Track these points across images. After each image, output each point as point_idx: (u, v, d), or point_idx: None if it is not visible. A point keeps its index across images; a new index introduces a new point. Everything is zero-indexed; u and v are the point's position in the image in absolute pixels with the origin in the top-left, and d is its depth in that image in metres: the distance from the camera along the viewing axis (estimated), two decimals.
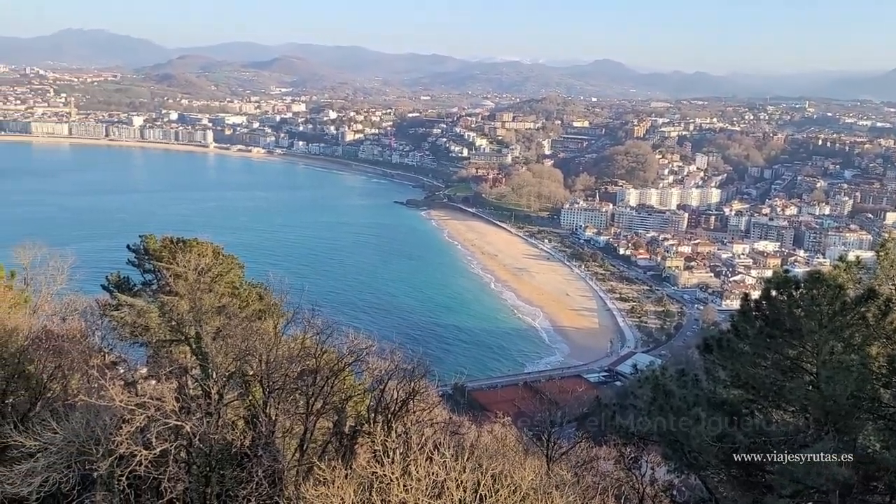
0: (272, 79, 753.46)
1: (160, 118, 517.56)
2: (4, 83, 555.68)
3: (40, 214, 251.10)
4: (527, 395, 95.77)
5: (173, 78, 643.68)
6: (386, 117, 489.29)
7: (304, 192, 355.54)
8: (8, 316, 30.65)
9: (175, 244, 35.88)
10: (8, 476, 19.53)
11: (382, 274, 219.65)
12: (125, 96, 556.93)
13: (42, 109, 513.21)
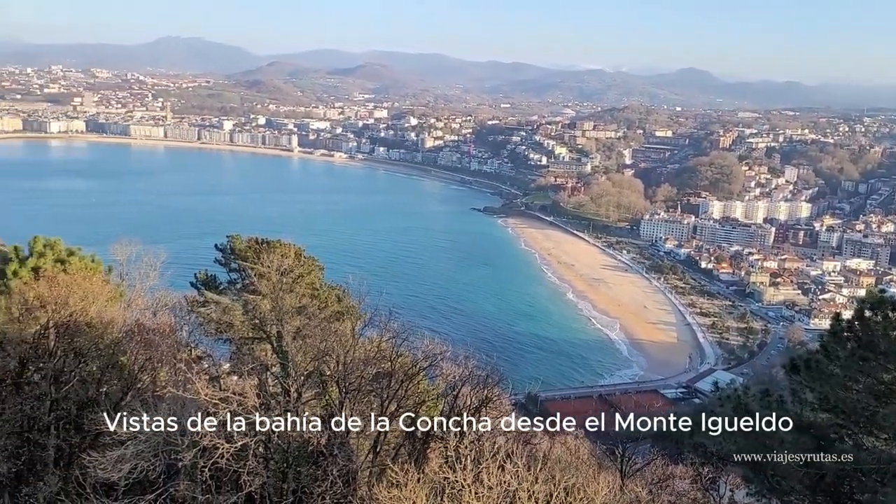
0: (356, 85, 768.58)
1: (249, 122, 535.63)
2: (108, 88, 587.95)
3: (137, 213, 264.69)
4: (601, 407, 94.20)
5: (262, 84, 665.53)
6: (465, 124, 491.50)
7: (384, 197, 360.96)
8: (105, 309, 32.28)
9: (259, 245, 37.12)
10: (100, 461, 20.57)
11: (458, 280, 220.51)
12: (217, 101, 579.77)
13: (140, 113, 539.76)
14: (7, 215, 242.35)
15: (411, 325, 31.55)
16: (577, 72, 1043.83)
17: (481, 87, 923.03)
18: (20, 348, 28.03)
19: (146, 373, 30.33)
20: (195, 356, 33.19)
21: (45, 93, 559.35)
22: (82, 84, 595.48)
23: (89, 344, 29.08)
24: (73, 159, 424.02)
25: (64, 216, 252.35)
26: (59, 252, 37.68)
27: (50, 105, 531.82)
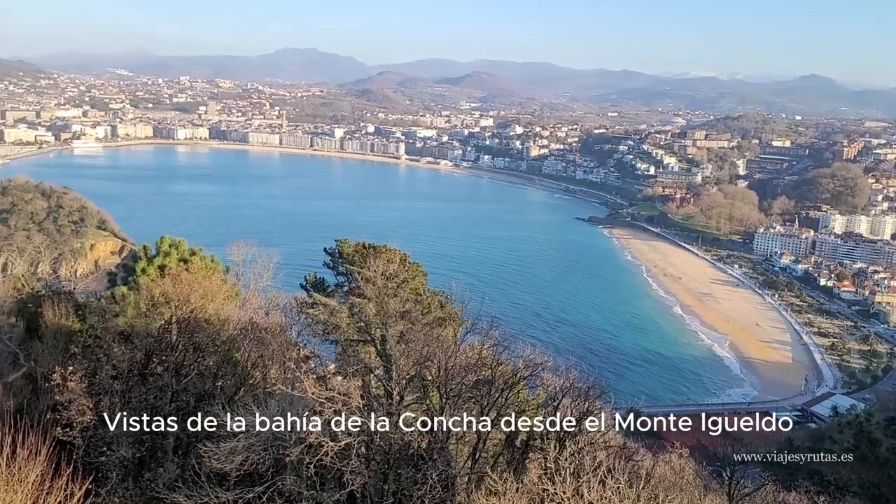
0: (463, 94, 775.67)
1: (359, 130, 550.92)
2: (229, 97, 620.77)
3: (253, 216, 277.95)
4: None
5: (372, 93, 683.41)
6: (571, 133, 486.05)
7: (487, 204, 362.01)
8: (222, 307, 34.04)
9: (366, 249, 38.08)
10: (215, 452, 21.67)
11: (561, 289, 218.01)
12: (329, 110, 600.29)
13: (259, 121, 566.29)
14: (139, 216, 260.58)
15: (513, 334, 31.45)
16: (689, 79, 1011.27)
17: (588, 95, 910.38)
18: (146, 341, 29.95)
19: (258, 369, 31.71)
20: (303, 355, 34.46)
21: (173, 102, 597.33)
22: (207, 94, 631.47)
23: (207, 340, 30.72)
24: (196, 164, 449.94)
25: (188, 218, 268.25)
26: (182, 252, 40.07)
27: (178, 113, 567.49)
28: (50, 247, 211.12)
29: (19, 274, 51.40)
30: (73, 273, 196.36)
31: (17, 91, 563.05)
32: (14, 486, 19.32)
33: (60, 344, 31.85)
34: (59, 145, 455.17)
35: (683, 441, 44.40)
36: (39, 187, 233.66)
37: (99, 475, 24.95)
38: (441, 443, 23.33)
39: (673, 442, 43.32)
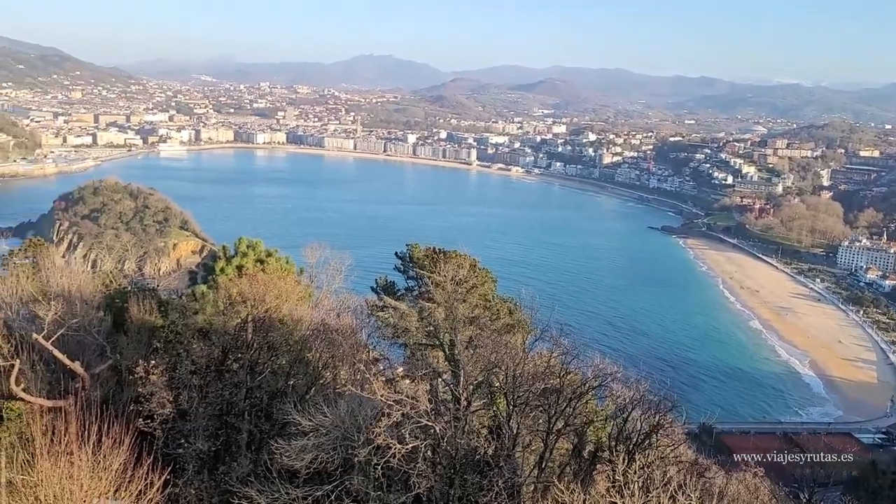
0: (536, 101, 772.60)
1: (431, 136, 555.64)
2: (307, 103, 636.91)
3: (327, 219, 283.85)
4: (784, 446, 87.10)
5: (445, 99, 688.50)
6: (646, 141, 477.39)
7: (558, 212, 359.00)
8: (296, 307, 34.88)
9: (437, 254, 38.27)
10: (286, 449, 22.21)
11: (632, 299, 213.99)
12: (402, 115, 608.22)
13: (334, 126, 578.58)
14: (219, 217, 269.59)
15: (582, 343, 31.12)
16: (771, 86, 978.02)
17: (664, 102, 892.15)
18: (223, 339, 30.97)
19: (328, 370, 32.36)
20: (373, 357, 34.94)
21: (254, 107, 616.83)
22: (285, 99, 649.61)
23: (281, 339, 31.54)
24: (274, 168, 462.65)
25: (264, 219, 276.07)
26: (259, 253, 41.23)
27: (257, 118, 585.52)
28: (136, 245, 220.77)
29: (108, 270, 53.91)
30: (156, 271, 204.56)
31: (110, 96, 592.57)
32: (99, 473, 20.26)
33: (144, 338, 33.24)
34: (146, 148, 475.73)
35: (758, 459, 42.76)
36: (128, 188, 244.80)
37: (177, 466, 25.90)
38: (508, 450, 23.26)
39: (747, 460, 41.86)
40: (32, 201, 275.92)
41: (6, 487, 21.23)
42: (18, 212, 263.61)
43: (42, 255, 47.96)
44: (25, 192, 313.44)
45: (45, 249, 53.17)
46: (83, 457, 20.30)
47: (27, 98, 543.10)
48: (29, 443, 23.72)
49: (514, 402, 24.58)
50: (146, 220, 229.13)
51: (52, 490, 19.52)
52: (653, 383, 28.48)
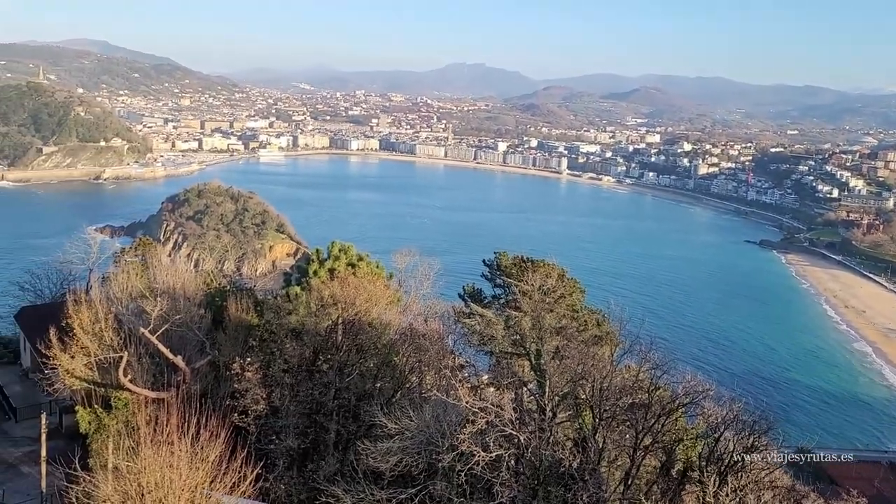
0: (629, 109, 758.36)
1: (521, 144, 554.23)
2: (400, 110, 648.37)
3: (417, 225, 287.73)
4: (891, 476, 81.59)
5: (536, 108, 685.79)
6: (745, 151, 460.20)
7: (650, 223, 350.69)
8: (384, 311, 35.52)
9: (524, 263, 38.15)
10: (372, 451, 22.63)
11: (727, 315, 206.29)
12: (493, 123, 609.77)
13: (426, 134, 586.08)
14: (313, 221, 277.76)
15: (673, 358, 30.24)
16: (883, 95, 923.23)
17: (765, 112, 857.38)
18: (315, 339, 31.91)
19: (415, 374, 32.78)
20: (458, 364, 35.16)
21: (348, 114, 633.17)
22: (379, 107, 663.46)
23: (369, 342, 32.20)
24: (366, 174, 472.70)
25: (356, 224, 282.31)
26: (350, 257, 42.29)
27: (352, 125, 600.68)
28: (235, 246, 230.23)
29: (209, 270, 56.47)
30: (253, 271, 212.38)
31: (216, 103, 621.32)
32: (196, 463, 21.24)
33: (241, 336, 34.61)
34: (247, 153, 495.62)
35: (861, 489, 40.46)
36: (229, 191, 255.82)
37: (268, 462, 26.80)
38: (593, 464, 22.89)
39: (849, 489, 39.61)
40: (143, 202, 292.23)
41: (112, 472, 22.55)
42: (130, 212, 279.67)
43: (150, 254, 50.73)
44: (137, 194, 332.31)
45: (152, 248, 56.22)
46: (182, 447, 21.34)
47: (141, 105, 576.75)
48: (134, 431, 25.11)
49: (601, 415, 24.17)
50: (245, 223, 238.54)
51: (154, 478, 20.60)
52: (748, 403, 27.40)
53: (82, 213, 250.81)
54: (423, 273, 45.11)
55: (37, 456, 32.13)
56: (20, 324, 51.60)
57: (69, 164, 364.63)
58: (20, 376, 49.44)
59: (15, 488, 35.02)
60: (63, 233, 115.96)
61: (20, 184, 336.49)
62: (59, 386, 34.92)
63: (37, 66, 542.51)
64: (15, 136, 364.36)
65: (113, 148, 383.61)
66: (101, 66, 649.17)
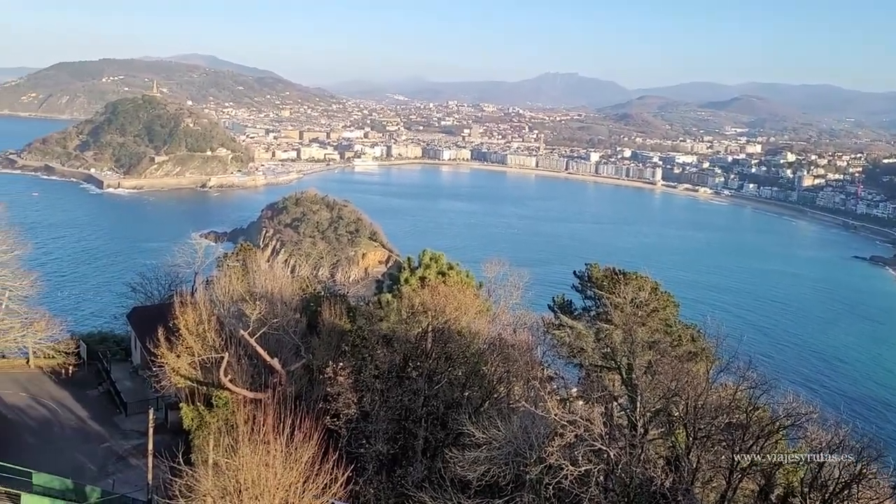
0: (728, 119, 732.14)
1: (614, 155, 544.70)
2: (492, 120, 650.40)
3: (507, 235, 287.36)
4: None
5: (630, 117, 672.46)
6: (854, 162, 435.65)
7: (750, 236, 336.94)
8: (474, 320, 35.66)
9: (616, 275, 37.48)
10: (459, 459, 22.74)
11: (834, 334, 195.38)
12: (586, 133, 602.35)
13: (517, 144, 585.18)
14: (405, 229, 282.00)
15: (773, 377, 28.93)
16: None
17: (878, 120, 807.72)
18: (405, 346, 32.40)
19: (503, 384, 32.74)
20: (547, 375, 34.87)
21: (441, 125, 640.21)
22: (471, 117, 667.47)
23: (458, 350, 32.41)
24: (457, 184, 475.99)
25: (447, 233, 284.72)
26: (441, 265, 42.70)
27: (444, 135, 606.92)
28: (330, 253, 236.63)
29: (304, 276, 58.31)
30: (346, 278, 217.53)
31: (314, 114, 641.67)
32: (290, 463, 21.98)
33: (334, 341, 35.56)
34: (342, 163, 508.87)
35: None
36: (325, 200, 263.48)
37: (358, 465, 27.37)
38: (686, 484, 22.20)
39: None
40: (244, 209, 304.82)
41: (212, 468, 23.61)
42: (233, 218, 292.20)
43: (250, 259, 52.87)
44: (239, 201, 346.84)
45: (252, 254, 58.58)
46: (277, 447, 22.14)
47: (244, 116, 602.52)
48: (233, 429, 26.20)
49: (695, 434, 23.44)
50: (339, 230, 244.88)
51: (251, 475, 21.45)
52: (856, 427, 25.88)
53: (189, 220, 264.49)
54: (513, 283, 45.02)
55: (144, 449, 33.98)
56: (131, 323, 54.84)
57: (178, 172, 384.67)
58: (131, 373, 52.52)
59: (124, 479, 37.17)
60: (171, 238, 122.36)
61: (134, 190, 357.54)
62: (165, 383, 36.89)
63: (151, 81, 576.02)
64: (130, 146, 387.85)
65: (218, 157, 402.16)
66: (209, 80, 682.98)
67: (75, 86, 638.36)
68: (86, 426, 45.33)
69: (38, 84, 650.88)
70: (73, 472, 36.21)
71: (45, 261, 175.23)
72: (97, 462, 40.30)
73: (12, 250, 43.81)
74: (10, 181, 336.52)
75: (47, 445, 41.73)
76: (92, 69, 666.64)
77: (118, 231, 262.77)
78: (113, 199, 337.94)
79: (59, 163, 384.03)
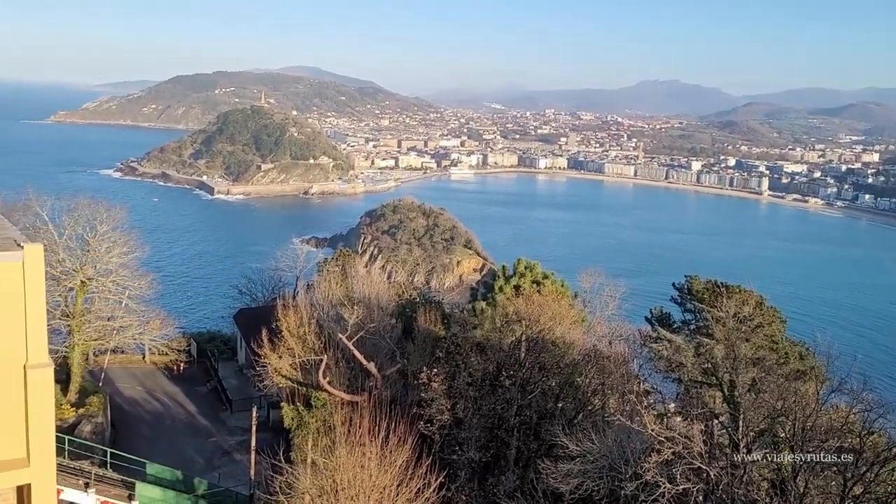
0: (842, 126, 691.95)
1: (718, 164, 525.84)
2: (589, 129, 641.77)
3: (604, 245, 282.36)
4: None
5: (735, 125, 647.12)
6: None
7: (867, 250, 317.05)
8: (569, 331, 35.31)
9: (718, 288, 36.28)
10: (552, 471, 22.56)
11: None
12: (687, 142, 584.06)
13: (615, 152, 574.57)
14: (500, 237, 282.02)
15: (891, 401, 27.20)
16: None
17: None
18: (498, 355, 32.44)
19: (598, 396, 32.22)
20: (643, 390, 34.06)
21: (537, 133, 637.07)
22: (568, 126, 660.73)
23: (552, 361, 32.15)
24: (553, 192, 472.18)
25: (542, 242, 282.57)
26: (536, 274, 42.51)
27: (540, 144, 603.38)
28: (425, 260, 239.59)
29: (400, 282, 59.49)
30: (441, 285, 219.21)
31: (412, 123, 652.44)
32: (385, 466, 22.43)
33: (428, 347, 36.03)
34: (439, 171, 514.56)
35: None
36: (421, 207, 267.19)
37: (450, 472, 27.59)
38: None
39: None
40: (344, 216, 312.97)
41: (311, 467, 24.40)
42: (333, 225, 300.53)
43: (349, 265, 54.31)
44: (339, 208, 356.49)
45: (351, 259, 60.14)
46: (373, 449, 22.66)
47: (346, 125, 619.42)
48: (330, 430, 27.01)
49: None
50: (435, 238, 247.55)
51: (347, 476, 22.04)
52: None
53: (292, 225, 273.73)
54: (609, 294, 44.33)
55: (247, 445, 35.49)
56: (237, 324, 57.41)
57: (282, 179, 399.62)
58: (236, 371, 54.95)
59: (229, 473, 38.95)
60: (275, 242, 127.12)
61: (242, 197, 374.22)
62: (267, 382, 38.40)
63: (259, 92, 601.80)
64: (239, 155, 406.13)
65: (320, 165, 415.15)
66: (313, 90, 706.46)
67: (191, 97, 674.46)
68: (194, 421, 47.79)
69: (157, 96, 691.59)
70: (182, 463, 38.24)
71: (161, 263, 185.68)
72: (204, 455, 42.42)
73: (132, 252, 46.70)
74: (133, 187, 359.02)
75: (160, 437, 44.27)
76: (206, 81, 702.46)
77: (227, 235, 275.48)
78: (223, 205, 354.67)
79: (175, 170, 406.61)
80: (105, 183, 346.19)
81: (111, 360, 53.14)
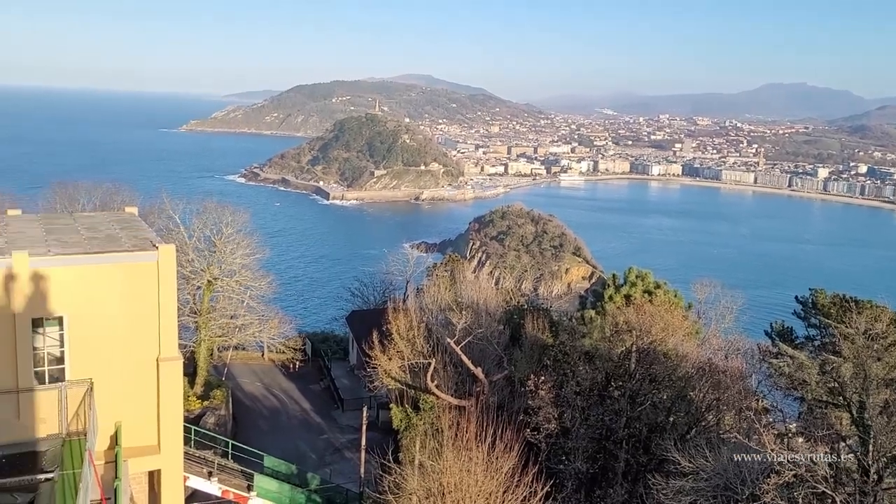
0: None
1: (847, 171, 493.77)
2: (705, 134, 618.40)
3: (720, 255, 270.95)
4: None
5: (868, 129, 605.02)
6: None
7: None
8: (682, 343, 34.21)
9: (846, 302, 34.22)
10: (663, 487, 21.92)
11: None
12: (813, 148, 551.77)
13: (733, 159, 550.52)
14: (610, 245, 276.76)
15: None
16: None
17: None
18: (607, 365, 31.87)
19: (712, 412, 31.00)
20: (762, 407, 32.52)
21: (650, 139, 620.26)
22: (683, 131, 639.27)
23: (664, 373, 31.23)
24: (666, 200, 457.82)
25: (654, 251, 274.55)
26: (647, 284, 41.48)
27: (653, 150, 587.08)
28: (533, 267, 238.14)
29: (508, 288, 59.40)
30: (549, 292, 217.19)
31: (522, 130, 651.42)
32: (491, 472, 22.52)
33: (535, 354, 35.88)
34: (548, 177, 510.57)
35: None
36: (530, 214, 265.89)
37: (557, 481, 27.35)
38: None
39: None
40: (453, 221, 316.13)
41: (418, 468, 24.85)
42: (442, 230, 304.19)
43: (458, 270, 54.91)
44: (449, 214, 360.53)
45: (460, 265, 60.79)
46: (479, 454, 22.80)
47: (456, 132, 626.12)
48: (438, 433, 27.40)
49: None
50: (543, 245, 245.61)
51: (454, 479, 22.29)
52: None
53: (402, 230, 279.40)
54: (725, 306, 42.66)
55: (357, 444, 36.57)
56: (350, 325, 59.23)
57: (394, 185, 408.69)
58: (348, 371, 56.70)
59: (339, 470, 40.27)
60: (386, 246, 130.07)
61: (356, 202, 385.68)
62: (377, 383, 39.42)
63: (374, 100, 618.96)
64: (354, 161, 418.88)
65: (431, 171, 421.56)
66: (425, 98, 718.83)
67: (310, 106, 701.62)
68: (308, 417, 49.68)
69: (279, 105, 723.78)
70: (296, 458, 39.86)
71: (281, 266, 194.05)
72: (317, 451, 44.03)
73: (254, 254, 49.18)
74: (256, 192, 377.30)
75: (276, 432, 46.32)
76: (324, 90, 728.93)
77: (341, 239, 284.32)
78: (338, 210, 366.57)
79: (294, 176, 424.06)
80: (230, 188, 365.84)
81: (233, 357, 56.14)
